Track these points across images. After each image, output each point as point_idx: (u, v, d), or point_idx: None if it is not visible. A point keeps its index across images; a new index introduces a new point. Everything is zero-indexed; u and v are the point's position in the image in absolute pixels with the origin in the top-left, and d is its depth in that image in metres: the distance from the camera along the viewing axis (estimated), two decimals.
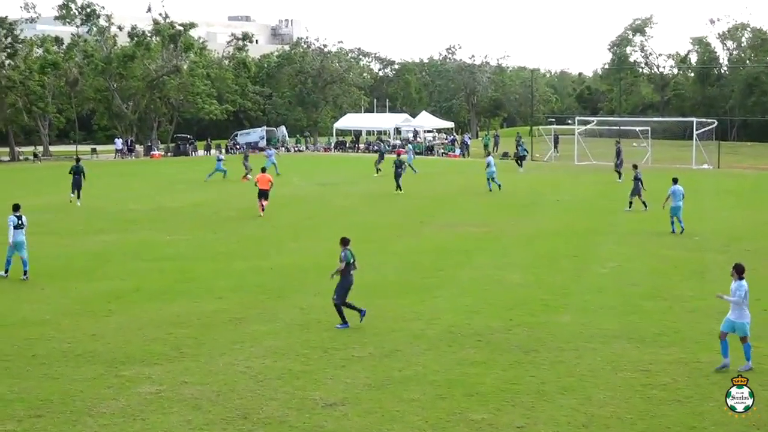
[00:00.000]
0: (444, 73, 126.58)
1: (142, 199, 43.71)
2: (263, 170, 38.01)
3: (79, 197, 41.09)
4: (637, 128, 74.07)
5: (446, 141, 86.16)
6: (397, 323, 18.67)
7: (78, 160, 44.02)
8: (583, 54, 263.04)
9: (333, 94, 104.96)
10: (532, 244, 29.21)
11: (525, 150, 63.90)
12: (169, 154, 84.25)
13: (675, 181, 31.81)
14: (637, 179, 36.76)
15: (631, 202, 37.14)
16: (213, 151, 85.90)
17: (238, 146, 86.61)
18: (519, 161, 61.42)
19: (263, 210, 36.52)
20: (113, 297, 21.24)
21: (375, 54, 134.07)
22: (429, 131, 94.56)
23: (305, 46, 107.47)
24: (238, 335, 17.78)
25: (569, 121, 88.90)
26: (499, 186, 45.51)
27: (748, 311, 15.17)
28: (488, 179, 46.03)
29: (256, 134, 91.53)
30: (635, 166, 38.00)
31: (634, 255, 26.94)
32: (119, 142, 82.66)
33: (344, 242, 18.76)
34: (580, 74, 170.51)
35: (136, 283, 22.91)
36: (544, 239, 30.19)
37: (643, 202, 36.64)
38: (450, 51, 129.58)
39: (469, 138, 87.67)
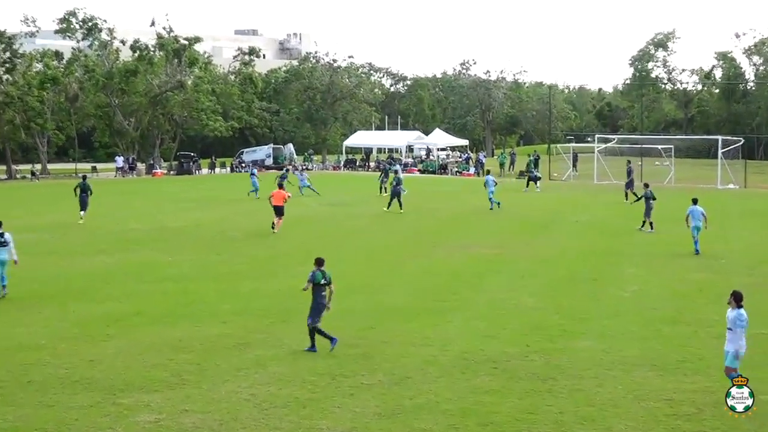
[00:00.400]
0: (458, 89, 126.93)
1: (144, 218, 43.78)
2: (280, 186, 38.57)
3: (82, 216, 41.39)
4: (660, 146, 73.91)
5: (460, 159, 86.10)
6: (407, 349, 18.57)
7: (84, 177, 45.45)
8: (602, 69, 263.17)
9: (343, 110, 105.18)
10: (549, 266, 29.09)
11: (535, 172, 63.22)
12: (171, 172, 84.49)
13: (694, 201, 31.99)
14: (647, 198, 37.10)
15: (644, 222, 37.17)
16: (218, 170, 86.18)
17: (243, 164, 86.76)
18: (532, 180, 61.43)
19: (277, 227, 37.08)
20: (112, 320, 21.21)
21: (386, 69, 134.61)
22: (442, 149, 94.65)
23: (314, 60, 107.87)
24: (242, 361, 17.71)
25: (589, 139, 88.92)
26: (498, 204, 45.72)
27: (744, 340, 15.01)
28: (489, 199, 46.38)
29: (262, 152, 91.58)
30: (646, 185, 38.29)
31: (655, 278, 26.82)
32: (120, 159, 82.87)
33: (318, 263, 18.75)
34: (599, 90, 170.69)
35: (136, 305, 22.89)
36: (561, 261, 30.07)
37: (650, 223, 36.91)
38: (464, 66, 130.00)
39: (484, 156, 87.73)
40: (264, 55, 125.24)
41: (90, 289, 25.26)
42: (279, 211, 37.12)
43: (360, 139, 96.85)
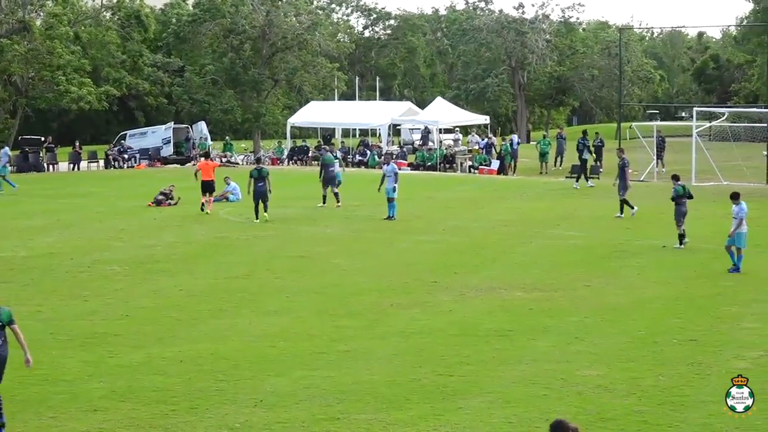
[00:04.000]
0: (473, 34, 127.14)
1: None
2: (206, 156, 39.44)
3: None
4: None
5: (478, 147, 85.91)
6: None
7: None
8: (705, 2, 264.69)
9: (287, 68, 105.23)
10: (622, 320, 29.16)
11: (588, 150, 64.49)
12: (9, 167, 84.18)
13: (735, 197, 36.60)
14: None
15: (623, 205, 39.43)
16: (86, 164, 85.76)
17: (126, 155, 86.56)
18: (583, 174, 61.96)
19: (209, 207, 37.96)
20: None
21: (357, 2, 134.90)
22: (448, 130, 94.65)
23: None
24: None
25: (683, 114, 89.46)
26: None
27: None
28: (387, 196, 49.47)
29: (156, 135, 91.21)
30: (621, 150, 41.72)
31: None
32: None
33: None
34: (701, 36, 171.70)
35: None
36: (641, 312, 30.14)
37: (630, 205, 42.39)
38: None
39: (518, 142, 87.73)
40: None
41: None
42: (209, 187, 38.46)
43: (315, 114, 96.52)
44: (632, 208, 49.27)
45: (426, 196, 60.92)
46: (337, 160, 60.46)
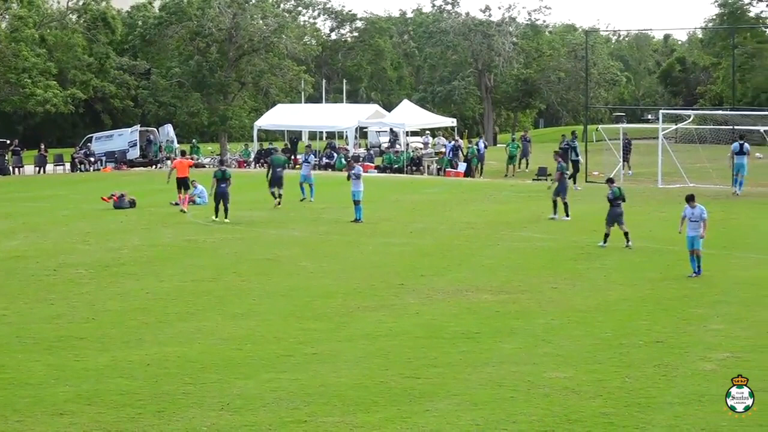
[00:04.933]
0: (439, 36, 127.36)
1: None
2: (183, 154, 39.99)
3: None
4: (762, 128, 74.42)
5: (445, 150, 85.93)
6: None
7: None
8: (671, 6, 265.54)
9: (254, 71, 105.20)
10: (588, 322, 29.26)
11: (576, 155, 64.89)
12: None
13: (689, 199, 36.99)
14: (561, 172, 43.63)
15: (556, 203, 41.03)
16: (52, 167, 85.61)
17: (93, 158, 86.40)
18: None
19: (184, 204, 38.59)
20: None
21: (323, 4, 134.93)
22: (415, 133, 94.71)
23: None
24: None
25: (649, 116, 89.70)
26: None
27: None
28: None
29: (123, 138, 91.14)
30: (558, 154, 42.96)
31: (758, 340, 26.98)
32: None
33: None
34: (667, 39, 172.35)
35: None
36: (608, 314, 30.24)
37: (565, 212, 42.82)
38: (449, 1, 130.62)
39: (485, 145, 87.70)
40: None
41: None
42: (183, 183, 39.46)
43: (281, 117, 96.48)
44: (554, 214, 49.89)
45: (393, 199, 61.01)
46: (308, 165, 60.43)
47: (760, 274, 36.39)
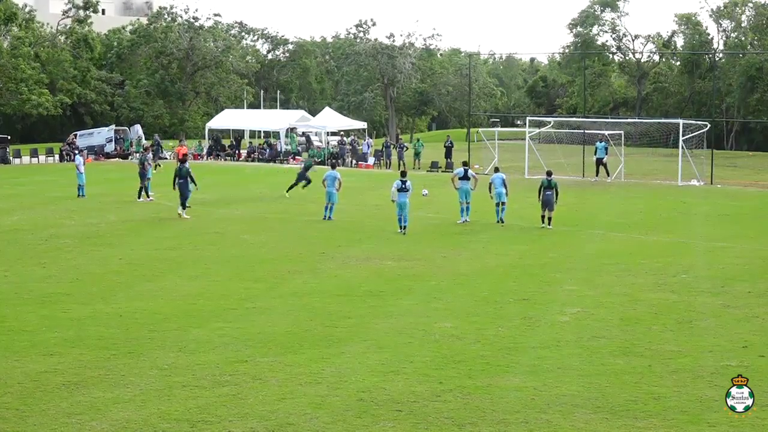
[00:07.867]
0: (354, 57, 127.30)
1: None
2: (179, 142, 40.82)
3: None
4: (607, 132, 75.05)
5: (349, 147, 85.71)
6: (289, 388, 18.55)
7: None
8: (536, 34, 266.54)
9: (206, 83, 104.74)
10: (470, 284, 29.37)
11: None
12: None
13: (496, 170, 41.93)
14: (544, 187, 41.65)
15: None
16: (44, 158, 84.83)
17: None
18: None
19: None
20: None
21: (262, 30, 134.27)
22: (334, 133, 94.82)
23: (169, 19, 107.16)
24: (75, 405, 17.48)
25: (518, 122, 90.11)
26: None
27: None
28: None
29: (101, 135, 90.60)
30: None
31: (602, 297, 27.22)
32: None
33: None
34: (532, 61, 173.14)
35: None
36: (485, 277, 30.39)
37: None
38: (361, 28, 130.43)
39: (369, 145, 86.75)
40: (104, 11, 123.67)
41: None
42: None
43: (228, 120, 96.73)
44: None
45: (319, 187, 60.85)
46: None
47: (603, 246, 36.78)
